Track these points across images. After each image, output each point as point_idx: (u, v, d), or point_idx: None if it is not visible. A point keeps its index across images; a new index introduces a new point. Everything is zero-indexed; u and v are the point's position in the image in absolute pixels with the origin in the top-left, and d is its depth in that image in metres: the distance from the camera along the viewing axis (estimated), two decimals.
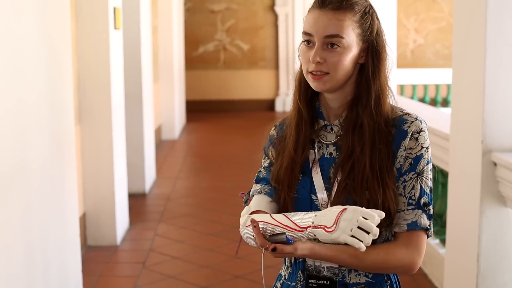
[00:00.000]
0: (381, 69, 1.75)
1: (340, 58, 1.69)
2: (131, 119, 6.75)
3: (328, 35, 1.68)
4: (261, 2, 14.60)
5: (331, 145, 1.78)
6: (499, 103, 3.06)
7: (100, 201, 5.30)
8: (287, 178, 1.79)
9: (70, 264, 3.75)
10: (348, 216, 1.56)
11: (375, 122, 1.72)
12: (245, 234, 1.80)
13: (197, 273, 4.71)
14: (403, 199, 1.71)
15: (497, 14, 3.00)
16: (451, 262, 3.56)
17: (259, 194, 1.86)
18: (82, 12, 5.07)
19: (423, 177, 1.72)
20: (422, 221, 1.70)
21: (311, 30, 1.71)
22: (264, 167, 1.90)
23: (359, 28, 1.71)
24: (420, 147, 1.72)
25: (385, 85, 1.76)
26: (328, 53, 1.69)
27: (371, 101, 1.73)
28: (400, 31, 13.32)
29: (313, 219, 1.63)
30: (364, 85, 1.74)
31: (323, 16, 1.69)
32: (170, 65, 10.80)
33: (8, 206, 2.80)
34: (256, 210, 1.81)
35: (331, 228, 1.57)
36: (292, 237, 1.65)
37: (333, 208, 1.61)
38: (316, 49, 1.70)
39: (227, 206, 6.50)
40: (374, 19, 1.75)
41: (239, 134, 11.33)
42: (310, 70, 1.71)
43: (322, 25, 1.69)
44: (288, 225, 1.66)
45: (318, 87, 1.72)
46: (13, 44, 2.91)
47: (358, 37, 1.71)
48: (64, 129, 3.70)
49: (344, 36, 1.68)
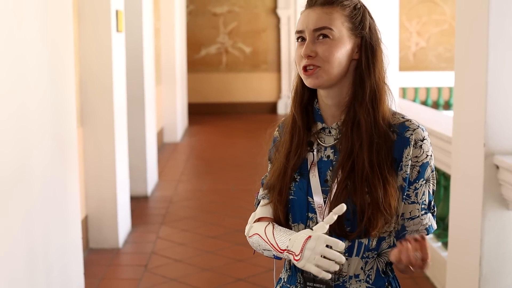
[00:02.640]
0: (376, 64, 1.75)
1: (331, 50, 1.70)
2: (133, 121, 6.76)
3: (317, 27, 1.71)
4: (263, 5, 14.62)
5: (329, 148, 1.78)
6: (501, 106, 3.06)
7: (102, 204, 5.30)
8: (279, 184, 1.80)
9: (72, 266, 3.75)
10: (312, 244, 1.60)
11: (371, 118, 1.72)
12: (251, 242, 1.85)
13: (199, 276, 4.71)
14: (416, 206, 1.75)
15: (499, 17, 3.00)
16: (453, 265, 3.55)
17: (264, 200, 1.88)
18: (84, 15, 5.08)
19: (430, 183, 1.76)
20: (434, 223, 1.78)
21: (301, 27, 1.74)
22: (269, 171, 1.92)
23: (349, 22, 1.72)
24: (425, 155, 1.73)
25: (381, 81, 1.75)
26: (319, 45, 1.70)
27: (366, 97, 1.72)
28: (402, 34, 13.32)
29: (287, 243, 1.68)
30: (358, 81, 1.74)
31: (312, 12, 1.73)
32: (172, 68, 10.81)
33: (11, 210, 2.80)
34: (260, 218, 1.85)
35: (298, 256, 1.62)
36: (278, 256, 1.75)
37: (302, 234, 1.65)
38: (307, 43, 1.71)
39: (229, 208, 6.50)
40: (365, 15, 1.76)
41: (241, 137, 11.33)
42: (303, 65, 1.72)
43: (312, 20, 1.72)
44: (272, 243, 1.74)
45: (312, 83, 1.72)
46: (16, 50, 2.91)
47: (349, 31, 1.72)
48: (66, 132, 3.70)
49: (332, 28, 1.70)
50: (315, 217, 1.76)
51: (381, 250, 1.75)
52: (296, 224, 1.80)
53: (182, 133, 11.62)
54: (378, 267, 1.76)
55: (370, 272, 1.75)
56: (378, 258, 1.76)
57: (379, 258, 1.76)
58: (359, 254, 1.74)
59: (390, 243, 1.76)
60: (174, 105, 10.88)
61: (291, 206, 1.80)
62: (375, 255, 1.75)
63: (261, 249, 1.81)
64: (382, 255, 1.76)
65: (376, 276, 1.76)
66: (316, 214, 1.75)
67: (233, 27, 14.69)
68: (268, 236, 1.76)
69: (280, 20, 14.53)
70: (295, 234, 1.68)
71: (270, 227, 1.78)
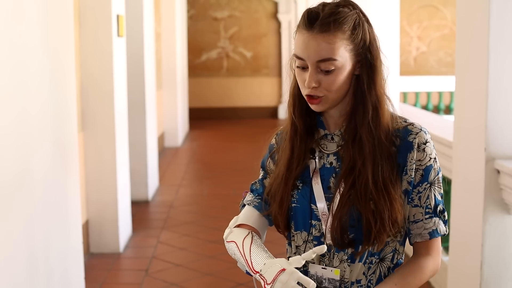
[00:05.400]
0: (376, 80, 1.71)
1: (335, 79, 1.66)
2: (134, 126, 6.76)
3: (321, 59, 1.65)
4: (264, 10, 14.64)
5: (331, 155, 1.77)
6: (502, 110, 3.06)
7: (103, 209, 5.30)
8: (280, 192, 1.79)
9: (73, 271, 3.75)
10: (284, 278, 1.59)
11: (374, 137, 1.70)
12: (227, 247, 1.85)
13: (200, 280, 4.71)
14: (420, 210, 1.73)
15: (499, 22, 3.00)
16: (454, 269, 3.55)
17: (248, 206, 1.88)
18: (85, 20, 5.08)
19: (435, 186, 1.74)
20: (441, 228, 1.75)
21: (303, 55, 1.67)
22: (258, 179, 1.91)
23: (351, 44, 1.67)
24: (428, 158, 1.72)
25: (382, 95, 1.73)
26: (323, 76, 1.66)
27: (368, 115, 1.70)
28: (403, 38, 13.33)
29: (261, 267, 1.67)
30: (360, 97, 1.71)
31: (313, 41, 1.65)
32: (173, 73, 10.81)
33: (12, 214, 2.80)
34: (242, 224, 1.85)
35: (268, 285, 1.61)
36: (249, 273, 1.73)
37: (276, 262, 1.63)
38: (310, 74, 1.67)
39: (230, 213, 6.45)
40: (365, 29, 1.69)
41: (242, 142, 11.33)
42: (306, 93, 1.70)
43: (313, 50, 1.65)
44: (247, 260, 1.73)
45: (317, 109, 1.72)
46: (17, 55, 2.91)
47: (351, 53, 1.67)
48: (67, 137, 3.70)
49: (337, 58, 1.65)
50: (319, 224, 1.75)
51: (384, 255, 1.75)
52: (298, 232, 1.79)
53: (183, 137, 11.63)
54: (380, 271, 1.75)
55: (372, 277, 1.74)
56: (380, 263, 1.75)
57: (381, 262, 1.75)
58: (362, 260, 1.73)
59: (393, 247, 1.75)
60: (175, 110, 10.89)
61: (293, 214, 1.79)
62: (378, 260, 1.74)
63: (236, 258, 1.80)
64: (384, 260, 1.75)
65: (377, 281, 1.75)
66: (320, 221, 1.74)
67: (234, 31, 14.70)
68: (244, 250, 1.75)
69: (281, 24, 14.54)
70: (270, 260, 1.66)
71: (248, 240, 1.77)
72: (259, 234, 1.85)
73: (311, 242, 1.77)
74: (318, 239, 1.75)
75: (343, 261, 1.73)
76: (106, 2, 5.07)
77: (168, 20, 10.62)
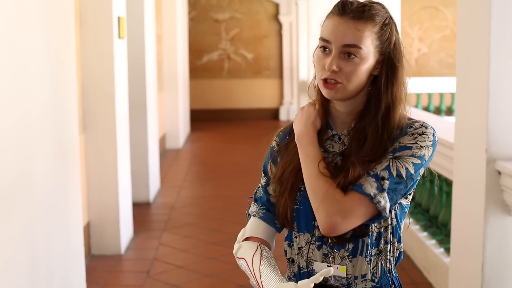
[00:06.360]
0: (395, 82, 1.72)
1: (355, 69, 1.67)
2: (135, 128, 6.76)
3: (347, 44, 1.66)
4: (265, 11, 14.64)
5: (337, 155, 1.77)
6: (503, 111, 3.06)
7: (105, 210, 5.30)
8: (292, 179, 1.78)
9: (74, 273, 3.75)
10: None
11: (377, 136, 1.70)
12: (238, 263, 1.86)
13: (201, 282, 4.71)
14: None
15: (500, 23, 3.00)
16: (455, 271, 3.55)
17: (254, 217, 1.88)
18: (86, 22, 5.09)
19: (397, 162, 1.66)
20: (368, 187, 1.64)
21: (330, 37, 1.68)
22: (261, 185, 1.91)
23: (377, 40, 1.69)
24: (413, 142, 1.67)
25: (398, 98, 1.72)
26: (345, 62, 1.67)
27: (379, 113, 1.71)
28: (404, 40, 13.30)
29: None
30: (375, 96, 1.72)
31: (343, 25, 1.66)
32: (174, 74, 10.82)
33: (12, 216, 2.80)
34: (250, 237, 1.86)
35: None
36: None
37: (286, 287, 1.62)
38: (333, 57, 1.67)
39: (232, 215, 6.50)
40: (393, 30, 1.72)
41: (243, 143, 11.33)
42: (324, 77, 1.69)
43: (341, 33, 1.66)
44: (257, 280, 1.73)
45: (330, 95, 1.71)
46: (19, 57, 2.92)
47: (375, 49, 1.69)
48: (68, 139, 3.70)
49: (362, 47, 1.66)
50: None
51: (381, 248, 1.75)
52: (301, 233, 1.80)
53: (184, 139, 11.63)
54: (382, 265, 1.76)
55: (375, 270, 1.76)
56: (380, 256, 1.76)
57: (381, 255, 1.76)
58: (363, 253, 1.74)
59: (387, 238, 1.75)
60: (176, 112, 10.89)
61: (296, 215, 1.79)
62: (377, 252, 1.75)
63: (248, 275, 1.81)
64: (383, 253, 1.76)
65: (381, 274, 1.77)
66: None
67: (235, 33, 14.71)
68: (254, 269, 1.75)
69: (282, 26, 14.54)
70: (280, 284, 1.65)
71: (257, 258, 1.77)
72: (268, 244, 1.86)
73: (313, 243, 1.78)
74: (321, 239, 1.76)
75: (344, 258, 1.75)
76: (107, 4, 5.07)
77: (169, 22, 10.62)
